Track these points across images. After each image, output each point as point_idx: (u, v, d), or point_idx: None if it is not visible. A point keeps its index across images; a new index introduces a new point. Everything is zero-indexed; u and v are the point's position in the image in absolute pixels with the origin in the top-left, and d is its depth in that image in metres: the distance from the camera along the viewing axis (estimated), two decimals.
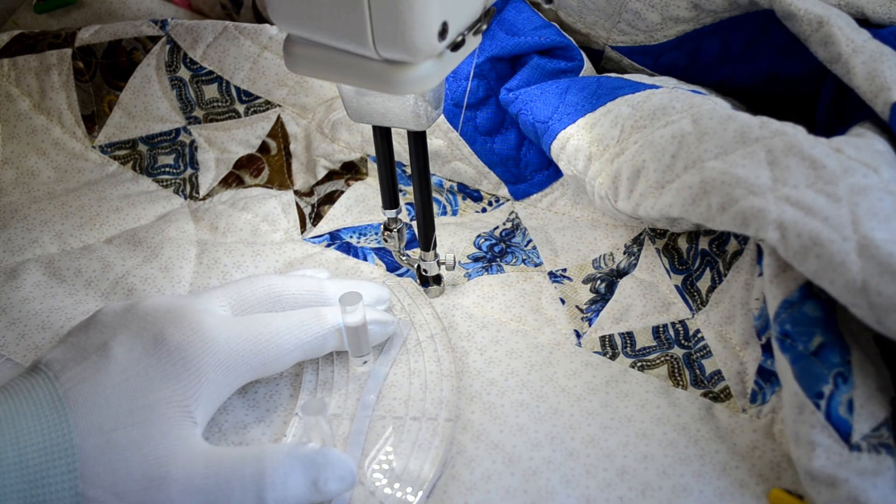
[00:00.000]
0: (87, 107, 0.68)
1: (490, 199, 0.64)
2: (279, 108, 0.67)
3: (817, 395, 0.39)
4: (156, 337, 0.43)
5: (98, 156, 0.68)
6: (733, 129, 0.43)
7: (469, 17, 0.39)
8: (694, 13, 0.53)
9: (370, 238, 0.61)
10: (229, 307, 0.47)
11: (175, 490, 0.40)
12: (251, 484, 0.40)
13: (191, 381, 0.42)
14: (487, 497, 0.43)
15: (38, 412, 0.40)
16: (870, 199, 0.37)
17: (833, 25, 0.45)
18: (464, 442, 0.45)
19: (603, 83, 0.53)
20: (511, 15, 0.58)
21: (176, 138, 0.68)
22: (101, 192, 0.66)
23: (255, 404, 0.48)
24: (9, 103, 0.68)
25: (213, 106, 0.67)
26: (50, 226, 0.62)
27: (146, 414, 0.41)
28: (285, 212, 0.63)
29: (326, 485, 0.41)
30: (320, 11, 0.36)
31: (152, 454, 0.40)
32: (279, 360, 0.46)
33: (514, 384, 0.48)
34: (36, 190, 0.66)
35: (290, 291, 0.49)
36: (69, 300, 0.56)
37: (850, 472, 0.38)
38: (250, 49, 0.65)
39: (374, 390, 0.49)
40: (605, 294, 0.54)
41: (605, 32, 0.58)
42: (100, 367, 0.42)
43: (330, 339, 0.48)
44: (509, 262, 0.58)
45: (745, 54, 0.55)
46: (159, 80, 0.67)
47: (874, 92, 0.43)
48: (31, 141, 0.68)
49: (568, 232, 0.59)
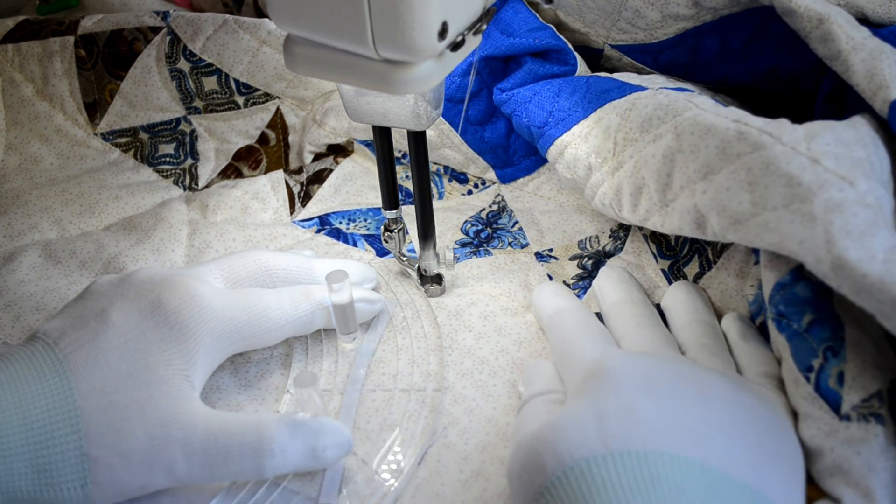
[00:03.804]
0: (89, 94, 0.68)
1: (476, 182, 0.65)
2: (278, 100, 0.67)
3: (807, 368, 0.40)
4: (153, 303, 0.44)
5: (100, 143, 0.69)
6: (714, 145, 0.43)
7: (469, 16, 0.39)
8: (694, 10, 0.53)
9: (359, 224, 0.62)
10: (222, 280, 0.48)
11: (177, 450, 0.41)
12: (250, 451, 0.41)
13: (188, 345, 0.43)
14: (482, 466, 0.44)
15: (40, 376, 0.41)
16: (844, 216, 0.37)
17: (833, 22, 0.45)
18: (456, 414, 0.47)
19: (592, 86, 0.54)
20: (508, 15, 0.58)
21: (176, 127, 0.69)
22: (101, 180, 0.66)
23: (247, 384, 0.49)
24: (12, 89, 0.68)
25: (213, 97, 0.68)
26: (50, 212, 0.63)
27: (146, 375, 0.42)
28: (275, 189, 0.64)
29: (325, 452, 0.42)
30: (320, 11, 0.36)
31: (154, 414, 0.41)
32: (269, 334, 0.47)
33: (505, 363, 0.49)
34: (38, 176, 0.67)
35: (280, 266, 0.50)
36: (63, 281, 0.56)
37: (836, 442, 0.39)
38: (249, 43, 0.65)
39: (362, 365, 0.50)
40: (592, 271, 0.56)
41: (604, 31, 0.58)
42: (98, 331, 0.42)
43: (318, 316, 0.49)
44: (496, 246, 0.59)
45: (746, 51, 0.55)
46: (159, 70, 0.67)
47: (873, 90, 0.43)
48: (34, 127, 0.68)
49: (554, 215, 0.61)
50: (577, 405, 0.40)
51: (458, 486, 0.43)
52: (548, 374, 0.46)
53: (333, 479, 0.43)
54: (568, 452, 0.36)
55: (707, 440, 0.37)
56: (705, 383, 0.41)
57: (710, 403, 0.39)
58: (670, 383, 0.40)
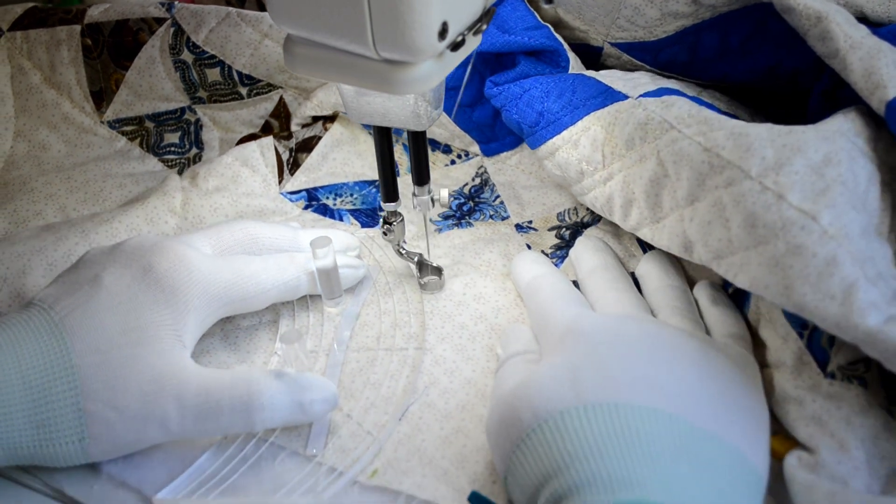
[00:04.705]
0: (95, 83, 0.69)
1: (459, 153, 0.67)
2: (281, 90, 0.68)
3: (802, 325, 0.42)
4: (144, 267, 0.46)
5: (107, 131, 0.69)
6: (693, 177, 0.45)
7: (469, 16, 0.39)
8: (693, 8, 0.53)
9: (346, 199, 0.63)
10: (210, 247, 0.50)
11: (170, 404, 0.42)
12: (240, 405, 0.43)
13: (178, 307, 0.45)
14: (462, 424, 0.46)
15: (37, 337, 0.42)
16: (803, 259, 0.38)
17: (831, 21, 0.45)
18: (437, 375, 0.49)
19: (577, 89, 0.54)
20: (506, 11, 0.58)
21: (181, 116, 0.69)
22: (107, 169, 0.67)
23: (236, 348, 0.51)
24: (21, 76, 0.69)
25: (217, 88, 0.68)
26: (55, 199, 0.64)
27: (139, 335, 0.43)
28: (264, 156, 0.64)
29: (312, 406, 0.44)
30: (320, 11, 0.37)
31: (147, 371, 0.42)
32: (257, 298, 0.49)
33: (484, 328, 0.51)
34: (46, 163, 0.68)
35: (266, 235, 0.52)
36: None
37: (818, 395, 0.40)
38: (251, 36, 0.66)
39: (347, 328, 0.52)
40: (570, 241, 0.57)
41: (604, 28, 0.58)
42: (92, 295, 0.44)
43: (304, 282, 0.51)
44: (477, 218, 0.61)
45: (744, 49, 0.55)
46: (163, 61, 0.68)
47: (870, 89, 0.43)
48: (42, 114, 0.69)
49: (534, 190, 0.62)
50: (553, 362, 0.42)
51: (438, 441, 0.45)
52: (525, 336, 0.48)
53: (320, 432, 0.46)
54: (543, 406, 0.39)
55: (675, 393, 0.39)
56: (674, 341, 0.43)
57: (679, 360, 0.41)
58: (641, 341, 0.42)
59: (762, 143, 0.42)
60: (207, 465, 0.44)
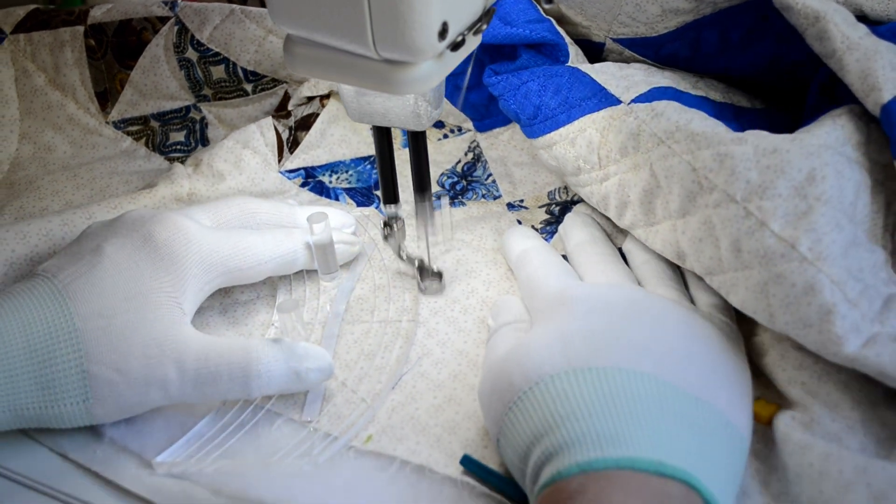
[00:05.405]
0: (100, 84, 0.69)
1: (452, 128, 0.67)
2: (286, 85, 0.68)
3: None
4: (144, 236, 0.47)
5: (112, 131, 0.70)
6: (685, 194, 0.46)
7: (469, 16, 0.39)
8: (693, 4, 0.53)
9: (342, 177, 0.64)
10: (209, 220, 0.51)
11: (171, 369, 0.43)
12: (238, 371, 0.44)
13: (177, 275, 0.46)
14: (454, 393, 0.47)
15: (41, 304, 0.44)
16: (783, 288, 0.40)
17: (829, 21, 0.45)
18: (430, 346, 0.50)
19: (574, 88, 0.55)
20: (508, 3, 0.58)
21: (187, 115, 0.70)
22: (113, 167, 0.67)
23: (234, 321, 0.53)
24: (25, 78, 0.70)
25: (221, 85, 0.69)
26: (60, 196, 0.64)
27: (141, 301, 0.44)
28: (264, 135, 0.65)
29: (307, 374, 0.45)
30: (320, 11, 0.37)
31: (149, 335, 0.44)
32: (254, 269, 0.50)
33: (475, 302, 0.53)
34: (52, 164, 0.68)
35: (264, 209, 0.53)
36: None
37: (818, 359, 0.42)
38: (256, 32, 0.66)
39: (342, 301, 0.53)
40: (560, 217, 0.58)
41: (606, 24, 0.58)
42: (94, 263, 0.45)
43: (300, 256, 0.52)
44: (470, 197, 0.62)
45: (745, 43, 0.55)
46: (168, 60, 0.68)
47: (866, 91, 0.43)
48: (47, 116, 0.69)
49: (526, 167, 0.63)
50: (543, 329, 0.43)
51: (431, 409, 0.46)
52: (515, 307, 0.49)
53: (315, 400, 0.47)
54: (534, 370, 0.40)
55: (661, 358, 0.40)
56: (660, 309, 0.44)
57: (664, 326, 0.42)
58: (629, 309, 0.44)
59: (747, 166, 0.43)
60: (206, 430, 0.46)
